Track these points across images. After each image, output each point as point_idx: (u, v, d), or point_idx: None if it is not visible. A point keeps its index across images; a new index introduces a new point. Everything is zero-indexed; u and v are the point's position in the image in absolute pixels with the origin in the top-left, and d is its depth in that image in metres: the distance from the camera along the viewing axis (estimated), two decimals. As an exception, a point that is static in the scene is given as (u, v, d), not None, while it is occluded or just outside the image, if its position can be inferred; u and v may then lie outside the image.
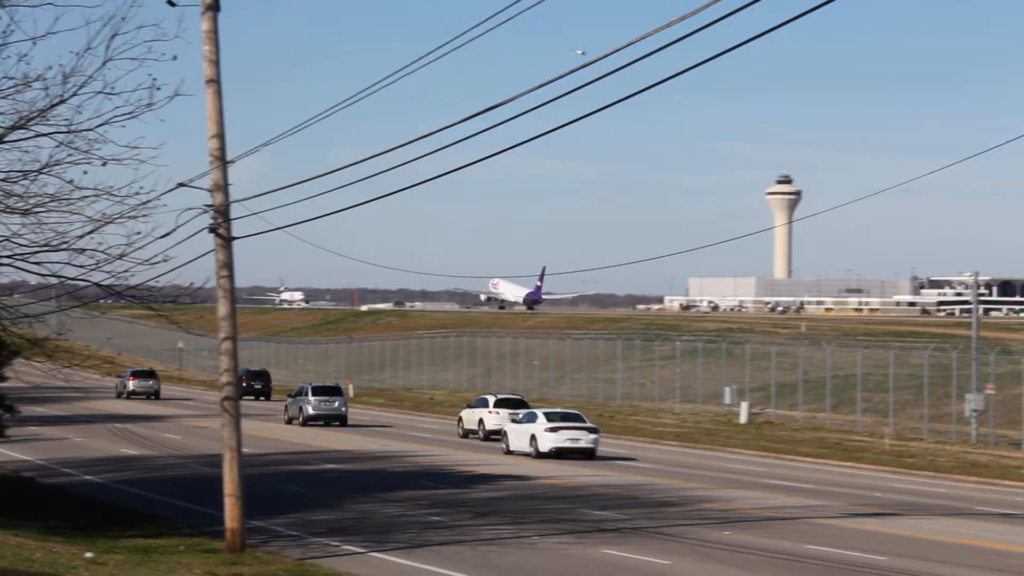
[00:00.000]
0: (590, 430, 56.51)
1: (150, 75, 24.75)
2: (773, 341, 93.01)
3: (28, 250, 26.10)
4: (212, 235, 28.67)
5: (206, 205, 28.59)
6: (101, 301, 33.91)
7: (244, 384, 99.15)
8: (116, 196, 25.76)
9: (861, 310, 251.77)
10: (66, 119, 24.90)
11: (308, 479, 45.83)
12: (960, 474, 55.50)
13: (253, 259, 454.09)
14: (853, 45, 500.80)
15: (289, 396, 78.96)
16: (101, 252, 26.09)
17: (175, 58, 24.68)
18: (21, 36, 23.89)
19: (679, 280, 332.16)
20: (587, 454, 55.63)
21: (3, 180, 25.38)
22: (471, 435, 66.75)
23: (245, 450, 29.93)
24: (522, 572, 27.39)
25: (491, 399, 68.08)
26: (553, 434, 55.51)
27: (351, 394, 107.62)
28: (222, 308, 28.86)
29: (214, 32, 28.45)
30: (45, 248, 26.02)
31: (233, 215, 28.97)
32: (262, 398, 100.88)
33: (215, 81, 28.45)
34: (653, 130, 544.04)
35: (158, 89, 24.72)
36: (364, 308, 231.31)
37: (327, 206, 35.51)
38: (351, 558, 28.59)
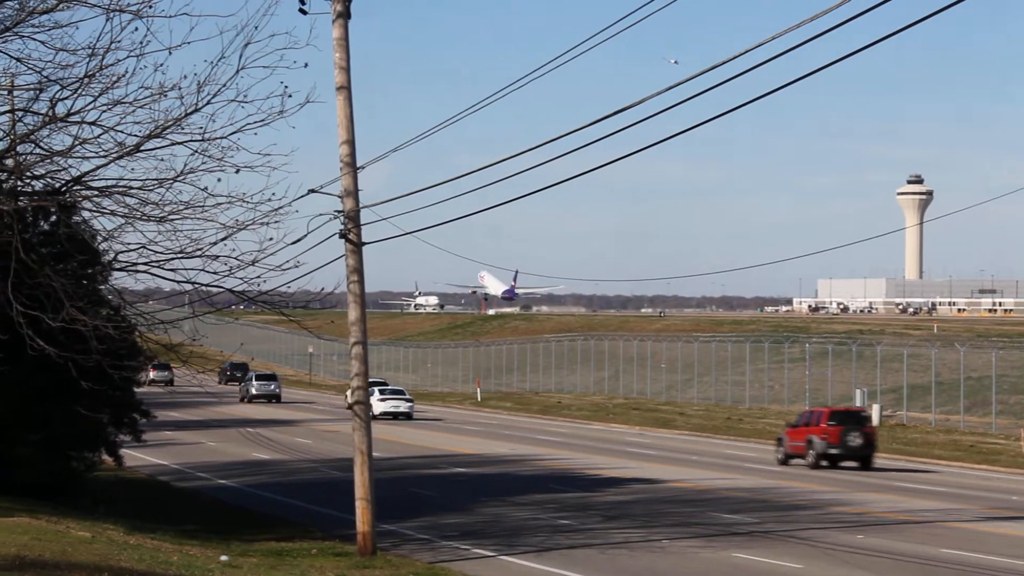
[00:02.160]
0: (407, 400, 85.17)
1: (282, 83, 25.00)
2: (904, 343, 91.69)
3: (163, 257, 26.49)
4: (342, 240, 28.92)
5: (336, 211, 28.84)
6: (233, 307, 34.39)
7: (228, 373, 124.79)
8: (249, 203, 26.05)
9: (995, 311, 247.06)
10: (200, 127, 25.22)
11: (437, 482, 46.07)
12: (1100, 477, 54.28)
13: (382, 264, 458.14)
14: (983, 43, 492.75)
15: (240, 382, 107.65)
16: (234, 258, 26.41)
17: (306, 66, 24.89)
18: (157, 46, 24.24)
19: (808, 282, 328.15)
20: (406, 415, 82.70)
21: (140, 188, 25.76)
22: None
23: (374, 454, 30.17)
24: (652, 576, 27.28)
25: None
26: (383, 403, 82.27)
27: (479, 398, 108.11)
28: (352, 313, 29.12)
29: (345, 39, 28.70)
30: (180, 255, 26.38)
31: (363, 220, 29.21)
32: None
33: (345, 88, 28.69)
34: (781, 130, 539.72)
35: (289, 96, 24.95)
36: (491, 312, 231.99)
37: (455, 211, 35.73)
38: (481, 561, 28.68)
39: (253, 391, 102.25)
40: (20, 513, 27.12)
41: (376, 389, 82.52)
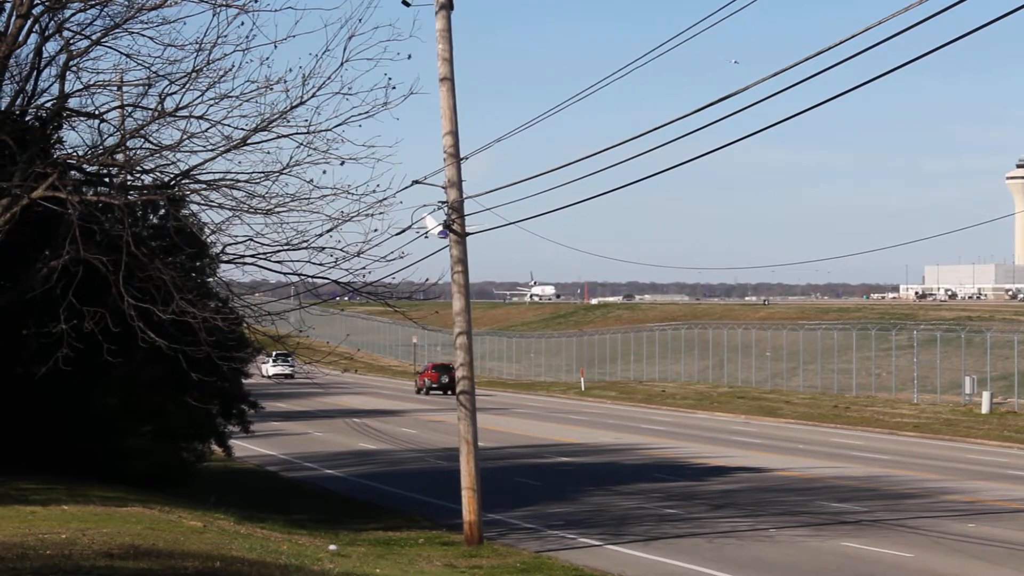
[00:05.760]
0: (291, 365, 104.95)
1: (385, 74, 25.19)
2: (1015, 329, 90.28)
3: (270, 249, 26.70)
4: (446, 231, 29.01)
5: (440, 202, 28.95)
6: (339, 298, 34.57)
7: None
8: (353, 194, 26.19)
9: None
10: (305, 120, 25.40)
11: (542, 472, 46.13)
12: None
13: (484, 255, 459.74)
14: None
15: None
16: (339, 250, 26.55)
17: (409, 57, 24.99)
18: (263, 40, 24.48)
19: (915, 268, 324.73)
20: (291, 376, 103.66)
21: (246, 181, 26.00)
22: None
23: (479, 443, 30.25)
24: (761, 565, 27.14)
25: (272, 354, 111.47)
26: (274, 367, 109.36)
27: (582, 388, 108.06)
28: (456, 303, 29.22)
29: (447, 30, 28.77)
30: (286, 247, 26.58)
31: (466, 211, 29.29)
32: None
33: (449, 79, 28.77)
34: (889, 116, 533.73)
35: (393, 88, 25.03)
36: (594, 301, 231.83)
37: (557, 201, 35.69)
38: (587, 551, 28.69)
39: None
40: (133, 503, 27.51)
41: (270, 357, 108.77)
